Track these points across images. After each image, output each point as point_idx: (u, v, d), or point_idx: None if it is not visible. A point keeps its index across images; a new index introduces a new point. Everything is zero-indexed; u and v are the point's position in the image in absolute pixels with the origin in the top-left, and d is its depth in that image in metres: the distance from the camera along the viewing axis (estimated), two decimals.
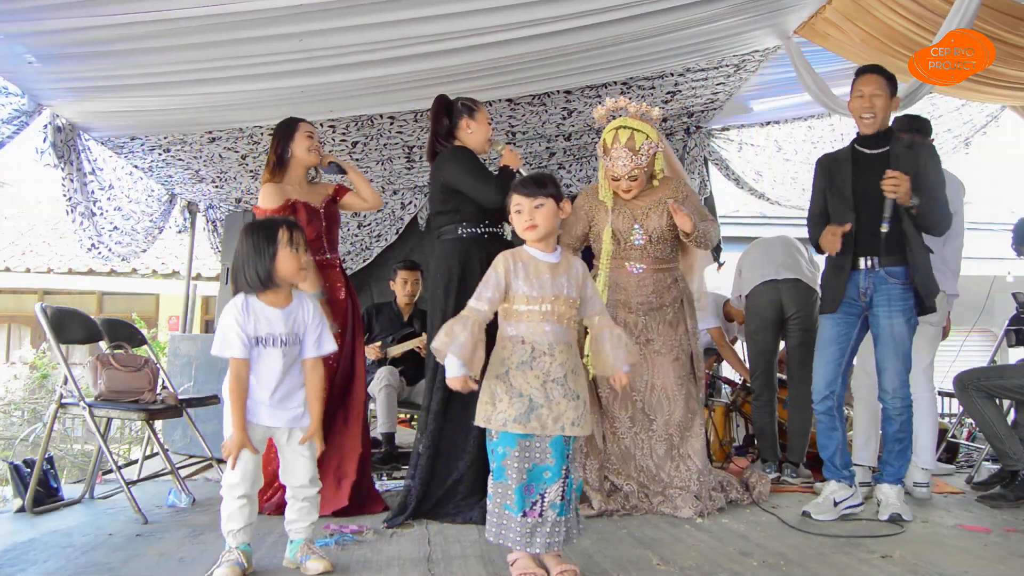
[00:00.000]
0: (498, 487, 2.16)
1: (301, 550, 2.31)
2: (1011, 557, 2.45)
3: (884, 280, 3.00)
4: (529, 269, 2.19)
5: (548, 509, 2.13)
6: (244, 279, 2.26)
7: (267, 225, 2.30)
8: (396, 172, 5.22)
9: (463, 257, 3.03)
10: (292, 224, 2.31)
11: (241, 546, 2.24)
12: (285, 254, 2.24)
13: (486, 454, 2.93)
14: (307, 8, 2.85)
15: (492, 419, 2.13)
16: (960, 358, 5.01)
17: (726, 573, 2.24)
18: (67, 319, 3.38)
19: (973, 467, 4.12)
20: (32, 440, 6.46)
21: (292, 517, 2.36)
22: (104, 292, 10.22)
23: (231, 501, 2.24)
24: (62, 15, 2.78)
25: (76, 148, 3.97)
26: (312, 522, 2.37)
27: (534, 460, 2.15)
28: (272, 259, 2.23)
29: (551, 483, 2.14)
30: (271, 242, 2.24)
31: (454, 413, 2.96)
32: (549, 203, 2.20)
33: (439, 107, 3.20)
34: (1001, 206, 9.27)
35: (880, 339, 3.02)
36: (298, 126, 3.28)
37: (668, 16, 3.44)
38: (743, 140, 5.79)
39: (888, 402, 3.02)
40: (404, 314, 4.66)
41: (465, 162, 3.09)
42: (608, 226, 3.24)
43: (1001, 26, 3.26)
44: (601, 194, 3.32)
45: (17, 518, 3.05)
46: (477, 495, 2.89)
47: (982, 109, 5.17)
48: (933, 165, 3.03)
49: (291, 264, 2.25)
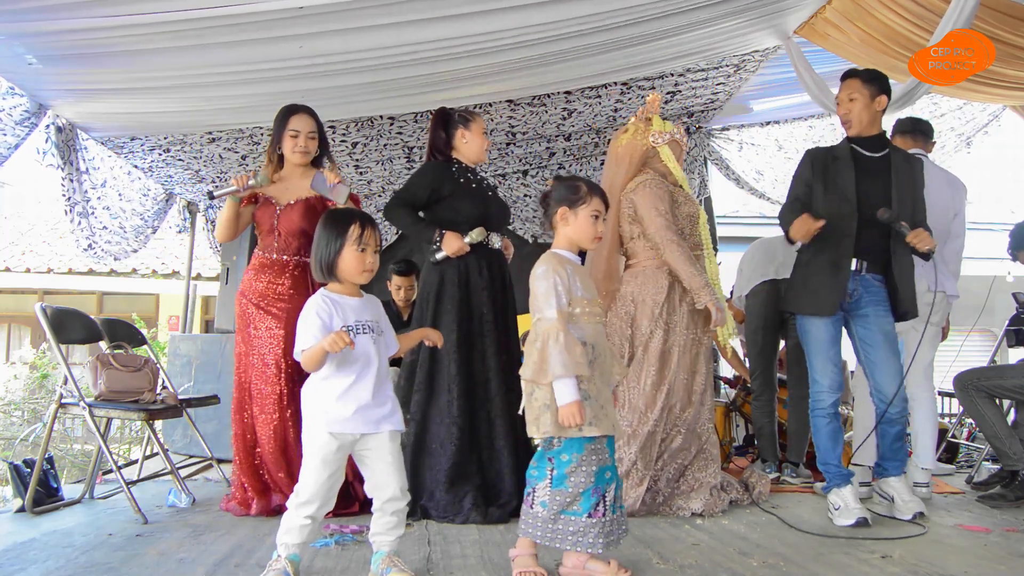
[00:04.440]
0: (556, 495, 2.11)
1: (384, 562, 2.18)
2: (1011, 557, 2.45)
3: (871, 283, 3.01)
4: (577, 273, 2.19)
5: (608, 509, 2.13)
6: (315, 266, 2.19)
7: (340, 217, 2.19)
8: (396, 172, 5.22)
9: (441, 270, 3.13)
10: (366, 221, 2.18)
11: (291, 555, 2.13)
12: (350, 252, 2.13)
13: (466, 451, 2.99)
14: (308, 12, 2.85)
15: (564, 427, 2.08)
16: (960, 358, 5.01)
17: (726, 573, 2.24)
18: (67, 319, 3.37)
19: (973, 467, 4.12)
20: (32, 440, 6.46)
21: (378, 530, 2.19)
22: (104, 292, 10.23)
23: (296, 517, 2.09)
24: (63, 16, 2.78)
25: (75, 148, 3.98)
26: (399, 535, 2.21)
27: (600, 462, 2.14)
28: (337, 253, 2.14)
29: (611, 483, 2.16)
30: (339, 236, 2.14)
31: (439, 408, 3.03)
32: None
33: (437, 120, 3.26)
34: (1001, 206, 9.28)
35: (875, 342, 3.00)
36: (286, 122, 3.16)
37: (669, 20, 3.44)
38: (743, 140, 5.79)
39: (892, 407, 2.97)
40: (403, 313, 4.65)
41: (413, 176, 3.29)
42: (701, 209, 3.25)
43: (1001, 26, 3.26)
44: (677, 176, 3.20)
45: (17, 518, 3.05)
46: (471, 494, 2.92)
47: (984, 108, 5.17)
48: (921, 184, 3.09)
49: (354, 263, 2.14)
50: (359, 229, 2.14)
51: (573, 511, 2.11)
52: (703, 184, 5.80)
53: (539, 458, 2.16)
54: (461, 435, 3.01)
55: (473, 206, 3.15)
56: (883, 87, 3.05)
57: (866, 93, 3.02)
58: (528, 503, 2.18)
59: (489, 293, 3.14)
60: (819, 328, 3.03)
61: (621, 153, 3.19)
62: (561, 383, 2.04)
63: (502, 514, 2.90)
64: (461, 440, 3.00)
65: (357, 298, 2.21)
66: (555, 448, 2.12)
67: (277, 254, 3.19)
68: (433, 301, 3.12)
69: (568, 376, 2.03)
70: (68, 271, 9.47)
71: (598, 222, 2.22)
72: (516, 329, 3.31)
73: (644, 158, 3.18)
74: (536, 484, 2.16)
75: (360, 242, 2.14)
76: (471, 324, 3.11)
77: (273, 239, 3.19)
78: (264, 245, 3.23)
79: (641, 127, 3.20)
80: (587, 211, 2.21)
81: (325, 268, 2.16)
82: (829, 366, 3.01)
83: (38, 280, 9.53)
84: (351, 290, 2.20)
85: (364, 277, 2.18)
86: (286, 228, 3.17)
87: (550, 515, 2.12)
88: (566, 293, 2.12)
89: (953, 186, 3.60)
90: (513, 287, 3.30)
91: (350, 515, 3.05)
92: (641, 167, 3.18)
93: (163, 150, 4.51)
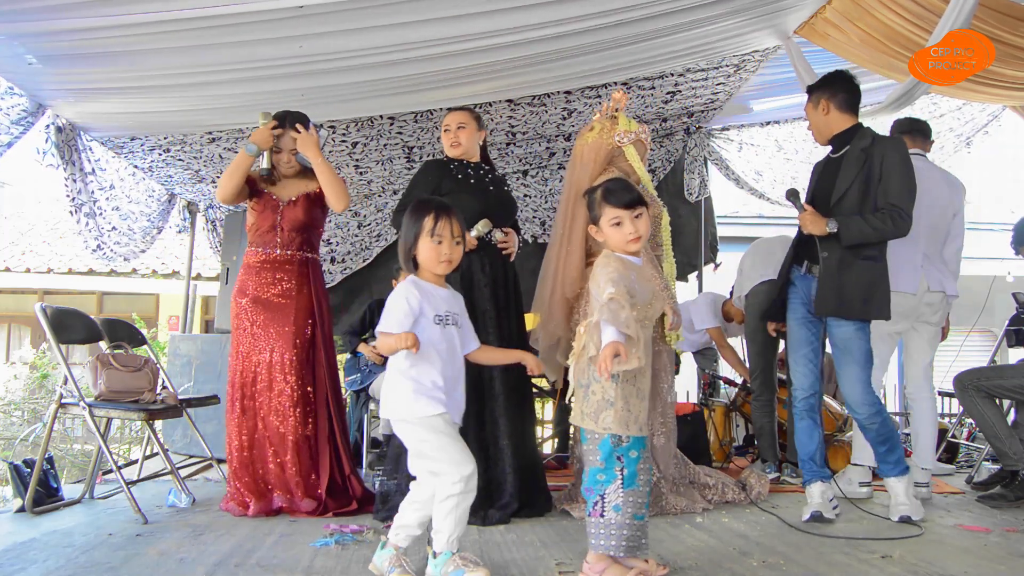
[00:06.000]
0: (629, 496, 2.06)
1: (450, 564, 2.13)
2: (1011, 557, 2.45)
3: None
4: (635, 275, 2.15)
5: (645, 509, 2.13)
6: (400, 256, 2.20)
7: (417, 208, 2.19)
8: (396, 172, 5.22)
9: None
10: (442, 212, 2.16)
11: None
12: (425, 242, 2.14)
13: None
14: (307, 11, 2.85)
15: (630, 424, 2.06)
16: (960, 358, 5.02)
17: (726, 573, 2.24)
18: (67, 319, 3.37)
19: (973, 467, 4.12)
20: (32, 440, 6.46)
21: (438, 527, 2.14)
22: (104, 292, 10.23)
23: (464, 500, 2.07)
24: (63, 16, 2.78)
25: (77, 148, 3.98)
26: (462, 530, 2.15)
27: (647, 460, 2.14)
28: (414, 242, 2.16)
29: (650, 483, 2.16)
30: (415, 225, 2.15)
31: None
32: (644, 210, 2.18)
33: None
34: (1001, 206, 9.27)
35: (834, 347, 3.02)
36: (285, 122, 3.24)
37: (669, 19, 3.44)
38: (743, 140, 5.79)
39: (855, 413, 2.99)
40: None
41: (412, 178, 3.31)
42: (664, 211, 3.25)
43: (1001, 26, 3.26)
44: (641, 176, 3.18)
45: (17, 518, 3.05)
46: None
47: (984, 108, 5.17)
48: (891, 164, 2.90)
49: (431, 254, 2.14)
50: (433, 221, 2.14)
51: (639, 515, 2.07)
52: (703, 184, 5.80)
53: (606, 459, 2.07)
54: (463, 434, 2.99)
55: (473, 201, 3.13)
56: (824, 88, 3.10)
57: (811, 105, 3.13)
58: (597, 512, 2.07)
59: (491, 290, 3.11)
60: (791, 329, 3.13)
61: (587, 151, 3.14)
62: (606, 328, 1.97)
63: (502, 516, 2.89)
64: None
65: (444, 289, 2.22)
66: (624, 446, 2.07)
67: (280, 250, 3.21)
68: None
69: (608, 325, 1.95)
70: (68, 271, 9.47)
71: (622, 227, 2.17)
72: (522, 327, 3.28)
73: (609, 157, 3.13)
74: (606, 489, 2.07)
75: (433, 233, 2.14)
76: (478, 319, 3.04)
77: (275, 235, 3.21)
78: (264, 242, 3.23)
79: (607, 125, 3.15)
80: (606, 221, 2.19)
81: (407, 258, 2.18)
82: (799, 366, 3.08)
83: (38, 280, 9.53)
84: (437, 280, 2.21)
85: (442, 268, 2.17)
86: (289, 224, 3.21)
87: (624, 520, 2.05)
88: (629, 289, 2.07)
89: (952, 186, 3.60)
90: (519, 285, 3.27)
91: (349, 514, 3.05)
92: (606, 166, 3.14)
93: (163, 150, 4.51)
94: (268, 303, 3.16)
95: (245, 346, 3.17)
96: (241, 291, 3.21)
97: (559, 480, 3.51)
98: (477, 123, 3.27)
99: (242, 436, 3.12)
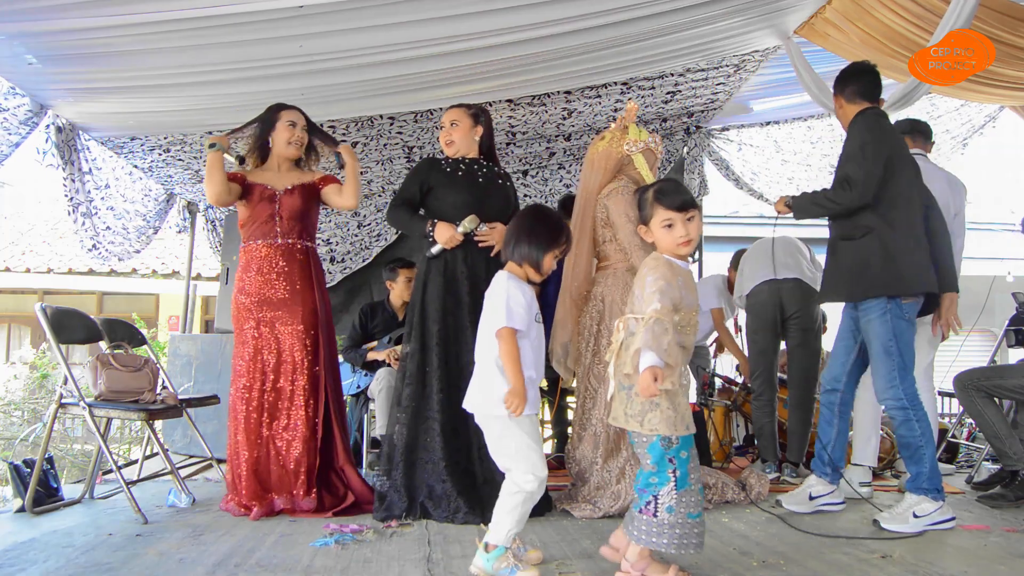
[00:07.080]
0: (683, 496, 2.07)
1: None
2: (1011, 557, 2.45)
3: None
4: (682, 280, 2.14)
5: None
6: (514, 253, 2.27)
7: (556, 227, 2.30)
8: (396, 172, 5.22)
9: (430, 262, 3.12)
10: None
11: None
12: (549, 257, 2.28)
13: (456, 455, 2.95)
14: (307, 11, 2.85)
15: (677, 424, 2.07)
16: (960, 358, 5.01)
17: (726, 573, 2.24)
18: (67, 319, 3.37)
19: (973, 467, 4.12)
20: (32, 440, 6.46)
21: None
22: (104, 292, 10.23)
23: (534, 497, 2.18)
24: (63, 16, 2.78)
25: (76, 148, 3.98)
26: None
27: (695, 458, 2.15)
28: (543, 253, 2.25)
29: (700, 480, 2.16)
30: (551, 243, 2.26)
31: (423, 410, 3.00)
32: (696, 213, 2.17)
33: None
34: (1001, 206, 9.28)
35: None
36: (279, 115, 3.24)
37: (669, 18, 3.45)
38: (743, 140, 5.80)
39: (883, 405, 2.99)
40: (399, 314, 4.62)
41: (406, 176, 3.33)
42: None
43: (1000, 26, 3.26)
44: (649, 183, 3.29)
45: (17, 518, 3.05)
46: (464, 497, 2.88)
47: (980, 110, 5.18)
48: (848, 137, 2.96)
49: (548, 267, 2.30)
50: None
51: (692, 514, 2.08)
52: (703, 184, 5.80)
53: (658, 462, 2.07)
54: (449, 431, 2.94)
55: (460, 195, 3.11)
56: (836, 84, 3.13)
57: (840, 98, 3.13)
58: (649, 512, 2.08)
59: (471, 284, 3.05)
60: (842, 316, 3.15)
61: (597, 159, 3.24)
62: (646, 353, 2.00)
63: None
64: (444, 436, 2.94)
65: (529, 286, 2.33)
66: (675, 447, 2.07)
67: (282, 239, 3.20)
68: (420, 293, 3.11)
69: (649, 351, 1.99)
70: (68, 271, 9.46)
71: (673, 229, 2.15)
72: None
73: (619, 165, 3.23)
74: (659, 491, 2.07)
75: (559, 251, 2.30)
76: (458, 314, 3.04)
77: (275, 224, 3.20)
78: (263, 232, 3.21)
79: (617, 135, 3.25)
80: (657, 222, 2.18)
81: (533, 264, 2.27)
82: (832, 357, 3.12)
83: (38, 280, 9.53)
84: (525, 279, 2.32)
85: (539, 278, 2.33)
86: (288, 211, 3.21)
87: (677, 520, 2.06)
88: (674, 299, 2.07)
89: (953, 186, 3.60)
90: None
91: (347, 513, 3.04)
92: (616, 173, 3.23)
93: (163, 150, 4.51)
94: (274, 301, 3.15)
95: (251, 346, 3.16)
96: (243, 290, 3.19)
97: (559, 480, 3.51)
98: (472, 119, 3.23)
99: (249, 438, 3.10)
